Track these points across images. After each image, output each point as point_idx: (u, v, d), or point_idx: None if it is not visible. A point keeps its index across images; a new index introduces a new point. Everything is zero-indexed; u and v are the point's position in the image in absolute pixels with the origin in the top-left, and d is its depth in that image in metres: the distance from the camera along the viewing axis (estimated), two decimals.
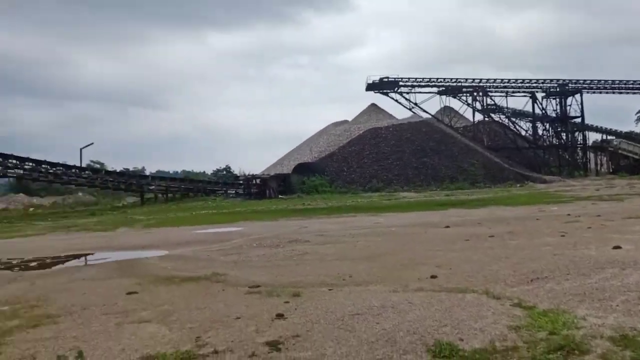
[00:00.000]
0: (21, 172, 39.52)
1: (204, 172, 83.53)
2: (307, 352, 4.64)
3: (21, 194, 63.90)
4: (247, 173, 54.11)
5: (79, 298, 7.39)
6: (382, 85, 62.31)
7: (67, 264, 12.15)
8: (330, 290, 7.16)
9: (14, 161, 37.74)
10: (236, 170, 68.66)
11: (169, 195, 45.11)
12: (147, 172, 65.25)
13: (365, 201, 34.52)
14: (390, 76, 61.98)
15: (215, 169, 77.85)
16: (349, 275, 8.30)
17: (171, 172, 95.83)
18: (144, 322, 5.84)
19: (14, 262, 12.45)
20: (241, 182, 49.88)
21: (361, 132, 55.93)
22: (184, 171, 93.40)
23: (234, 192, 47.78)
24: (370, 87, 62.59)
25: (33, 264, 12.00)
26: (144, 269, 9.95)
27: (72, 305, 6.91)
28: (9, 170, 38.57)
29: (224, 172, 72.90)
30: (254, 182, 47.88)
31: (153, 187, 45.72)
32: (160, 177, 52.66)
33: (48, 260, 12.56)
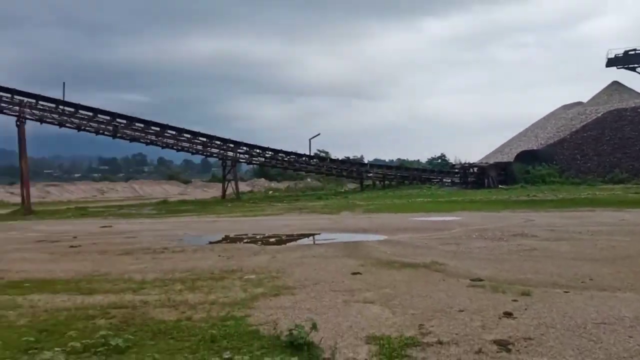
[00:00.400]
0: (263, 159, 45.50)
1: (419, 160, 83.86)
2: (542, 357, 4.18)
3: (262, 179, 73.98)
4: (463, 161, 52.42)
5: (311, 273, 8.10)
6: (628, 59, 53.07)
7: (299, 241, 13.50)
8: (566, 292, 6.37)
9: (258, 150, 43.64)
10: (451, 158, 67.17)
11: (386, 182, 46.54)
12: (365, 160, 68.53)
13: (605, 194, 30.03)
14: (638, 48, 52.35)
15: (429, 157, 77.45)
16: (589, 277, 7.26)
17: (387, 160, 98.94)
18: (369, 303, 6.07)
19: (258, 237, 14.38)
20: (457, 170, 48.49)
21: (600, 114, 48.69)
22: (399, 159, 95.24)
23: (449, 180, 46.76)
24: (612, 62, 53.91)
25: (272, 239, 13.67)
26: (365, 252, 10.41)
27: (306, 279, 7.61)
28: (254, 158, 44.83)
29: (439, 161, 71.95)
30: (471, 170, 46.02)
31: (371, 174, 47.74)
32: (377, 165, 54.77)
33: (284, 237, 14.17)
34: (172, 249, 11.75)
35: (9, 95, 31.34)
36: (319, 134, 48.45)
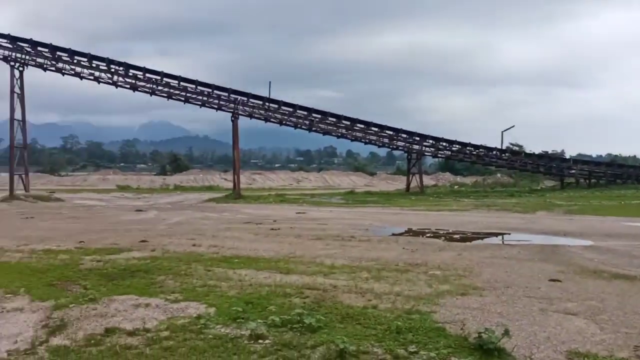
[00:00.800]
0: (449, 153, 44.18)
1: (635, 156, 72.47)
2: None
3: (447, 173, 72.09)
4: None
5: (501, 275, 7.59)
6: None
7: (487, 240, 12.77)
8: None
9: (444, 144, 42.49)
10: None
11: (592, 180, 41.27)
12: (567, 155, 61.62)
13: None
14: None
15: None
16: None
17: (593, 155, 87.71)
18: (570, 315, 5.43)
19: (441, 232, 14.02)
20: None
21: None
22: (609, 154, 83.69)
23: None
24: None
25: (457, 236, 13.19)
26: (567, 257, 9.35)
27: (496, 281, 7.16)
28: (439, 152, 43.83)
29: None
30: None
31: (574, 171, 42.79)
32: (582, 160, 48.79)
33: (469, 235, 13.56)
34: (358, 238, 12.19)
35: (225, 94, 36.01)
36: (512, 126, 44.54)
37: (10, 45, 31.72)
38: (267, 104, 36.88)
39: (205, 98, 35.67)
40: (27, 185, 32.22)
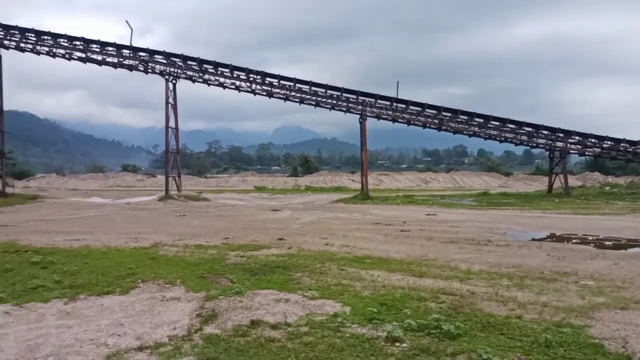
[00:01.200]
0: (599, 150, 39.78)
1: None
2: None
3: (596, 172, 65.10)
4: None
5: None
6: None
7: None
8: None
9: (593, 140, 38.41)
10: None
11: None
12: None
13: None
14: None
15: None
16: None
17: None
18: None
19: (590, 238, 12.69)
20: None
21: None
22: None
23: None
24: None
25: (608, 243, 11.85)
26: None
27: None
28: (587, 149, 39.71)
29: None
30: None
31: None
32: None
33: (625, 241, 12.10)
34: (495, 242, 11.54)
35: (354, 96, 36.56)
36: None
37: (165, 61, 35.64)
38: (394, 104, 36.65)
39: (334, 101, 36.54)
40: (179, 186, 35.93)
